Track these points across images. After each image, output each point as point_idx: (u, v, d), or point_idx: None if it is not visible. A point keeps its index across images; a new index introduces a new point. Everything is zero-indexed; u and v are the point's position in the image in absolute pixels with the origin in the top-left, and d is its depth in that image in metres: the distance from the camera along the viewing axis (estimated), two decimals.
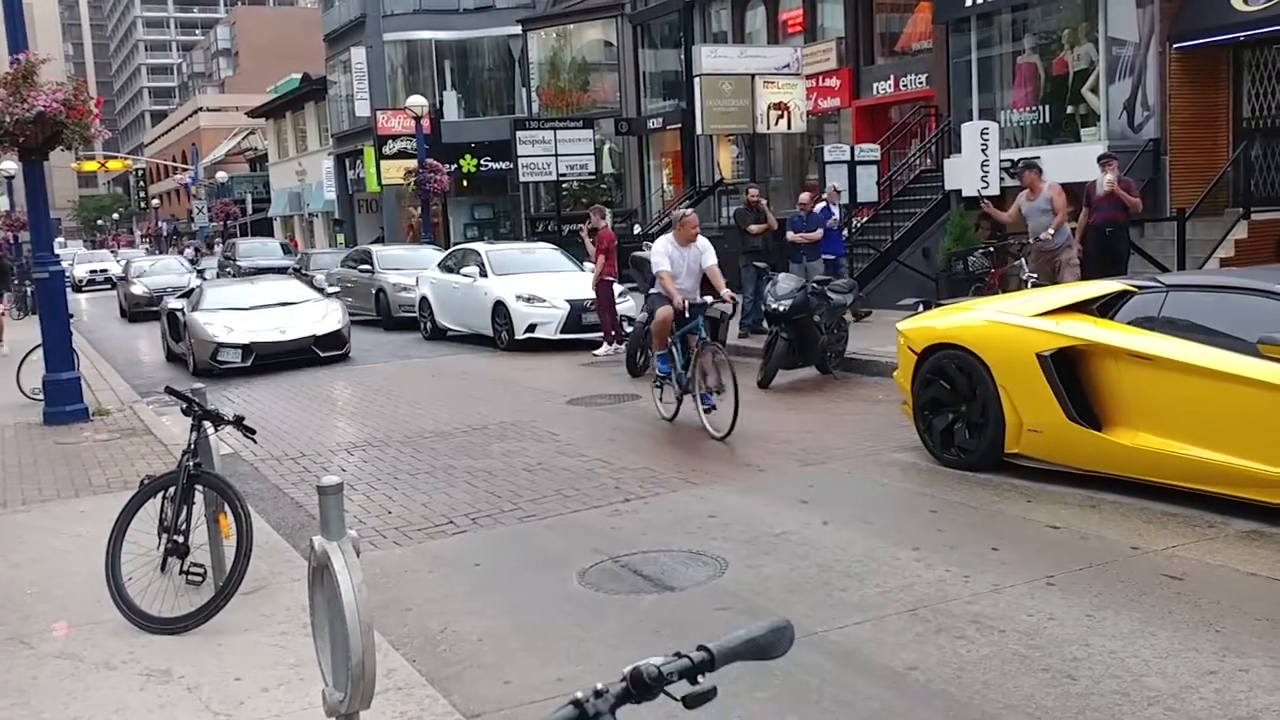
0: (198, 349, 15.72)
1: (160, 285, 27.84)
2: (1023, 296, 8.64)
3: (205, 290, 17.85)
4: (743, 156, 27.92)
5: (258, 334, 15.79)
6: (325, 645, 3.41)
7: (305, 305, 17.22)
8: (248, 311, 16.44)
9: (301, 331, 16.16)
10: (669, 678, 1.68)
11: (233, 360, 15.45)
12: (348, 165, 45.03)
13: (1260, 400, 6.19)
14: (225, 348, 15.53)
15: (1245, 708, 4.10)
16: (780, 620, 1.85)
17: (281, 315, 16.52)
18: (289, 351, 15.92)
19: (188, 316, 16.35)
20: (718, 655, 1.75)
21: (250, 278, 23.32)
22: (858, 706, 4.31)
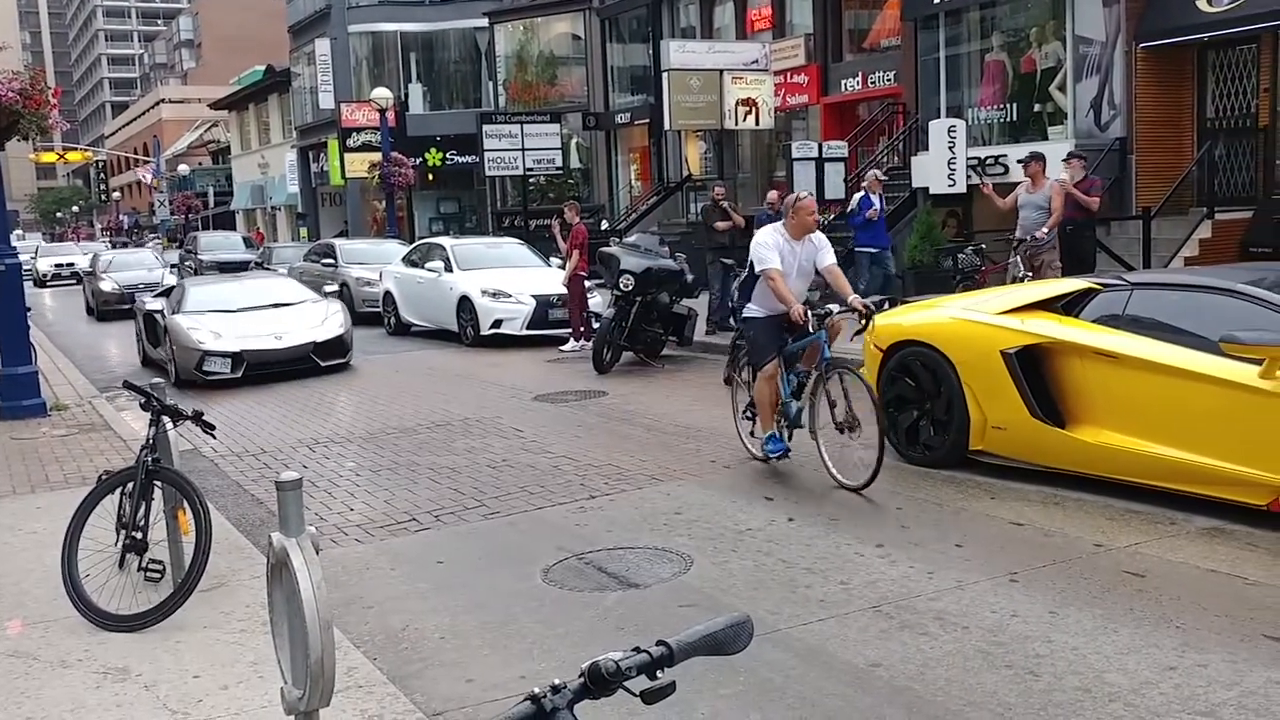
0: (180, 357, 13.84)
1: (132, 281, 25.93)
2: (988, 294, 8.67)
3: (188, 289, 15.57)
4: (711, 152, 27.93)
5: (249, 340, 13.88)
6: (284, 643, 3.36)
7: (302, 307, 15.21)
8: (237, 314, 14.57)
9: (299, 338, 14.23)
10: (627, 673, 1.66)
11: (221, 371, 13.59)
12: (311, 158, 44.69)
13: (1222, 398, 6.24)
14: (212, 356, 13.61)
15: (1204, 702, 4.13)
16: (739, 615, 1.83)
17: (276, 318, 14.58)
18: (285, 360, 14.03)
19: (168, 320, 14.40)
20: (676, 650, 1.72)
21: (238, 275, 21.07)
22: (821, 704, 4.29)
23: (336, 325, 14.70)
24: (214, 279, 19.63)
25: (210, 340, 13.74)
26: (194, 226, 54.37)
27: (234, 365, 13.68)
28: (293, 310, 15.04)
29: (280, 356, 14.02)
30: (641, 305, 13.22)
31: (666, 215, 27.34)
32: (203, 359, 13.60)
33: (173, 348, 14.04)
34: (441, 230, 35.84)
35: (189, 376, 13.66)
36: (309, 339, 14.32)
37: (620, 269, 13.18)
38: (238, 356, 13.71)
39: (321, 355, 14.35)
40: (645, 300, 13.24)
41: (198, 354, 13.63)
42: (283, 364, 14.03)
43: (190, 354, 13.70)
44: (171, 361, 14.19)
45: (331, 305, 15.47)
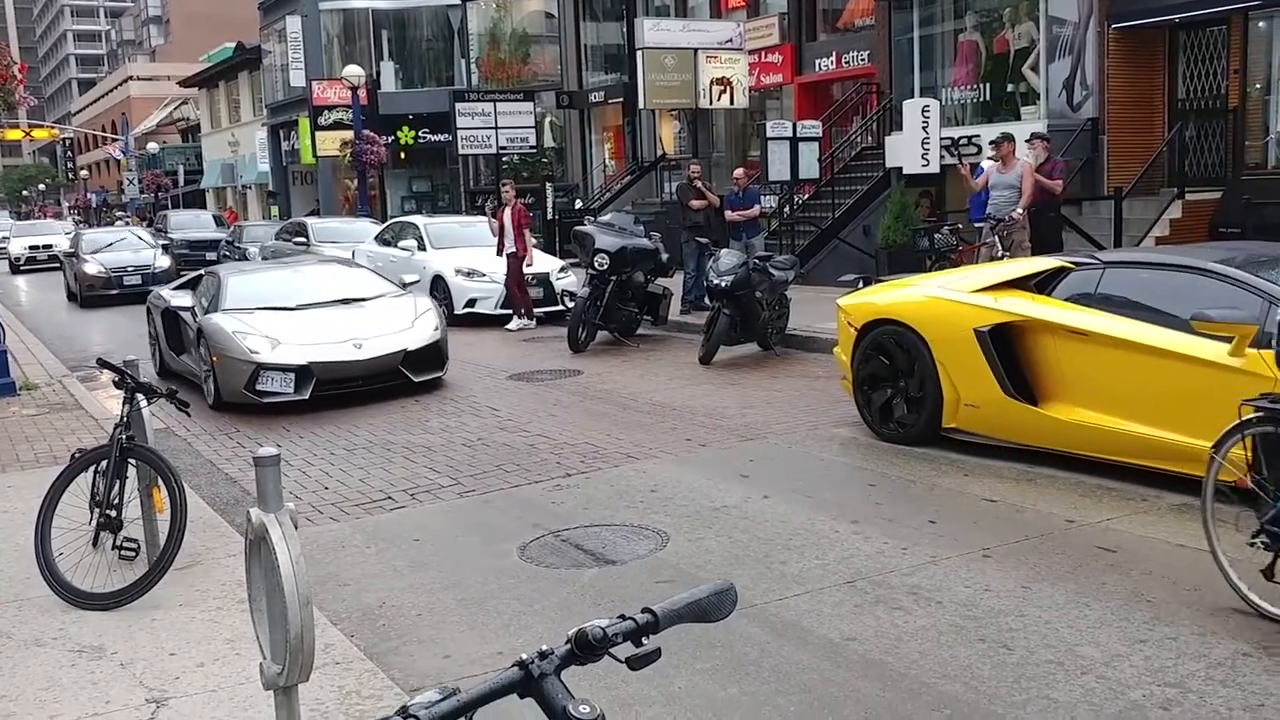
0: (224, 372, 10.40)
1: (119, 263, 23.43)
2: (962, 272, 8.71)
3: (226, 280, 11.84)
4: (685, 132, 27.86)
5: (319, 349, 10.46)
6: (263, 619, 3.35)
7: (382, 304, 11.72)
8: (297, 314, 11.15)
9: (385, 345, 10.76)
10: (613, 639, 1.67)
11: (281, 391, 10.23)
12: (282, 136, 44.27)
13: (1193, 376, 6.30)
14: (270, 371, 10.22)
15: (1173, 674, 4.19)
16: (723, 583, 1.85)
17: (350, 319, 11.13)
18: (366, 375, 10.62)
19: (203, 321, 10.95)
20: (662, 617, 1.74)
21: (289, 260, 16.42)
22: (796, 677, 4.33)
23: (430, 328, 11.26)
24: (257, 266, 15.09)
25: (266, 349, 10.30)
26: (164, 205, 53.87)
27: (299, 383, 10.26)
28: (371, 307, 11.55)
29: (360, 370, 10.57)
30: (616, 284, 13.21)
31: (641, 195, 27.30)
32: (256, 374, 10.20)
33: (212, 359, 10.56)
34: (414, 209, 35.64)
35: (236, 398, 10.33)
36: (397, 346, 10.83)
37: (595, 248, 13.16)
38: (304, 371, 10.28)
39: (413, 368, 10.90)
40: (620, 279, 13.23)
41: (249, 368, 10.19)
42: (364, 379, 10.63)
43: (238, 368, 10.26)
44: (208, 376, 10.74)
45: (420, 301, 11.97)
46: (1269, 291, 6.28)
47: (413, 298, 12.06)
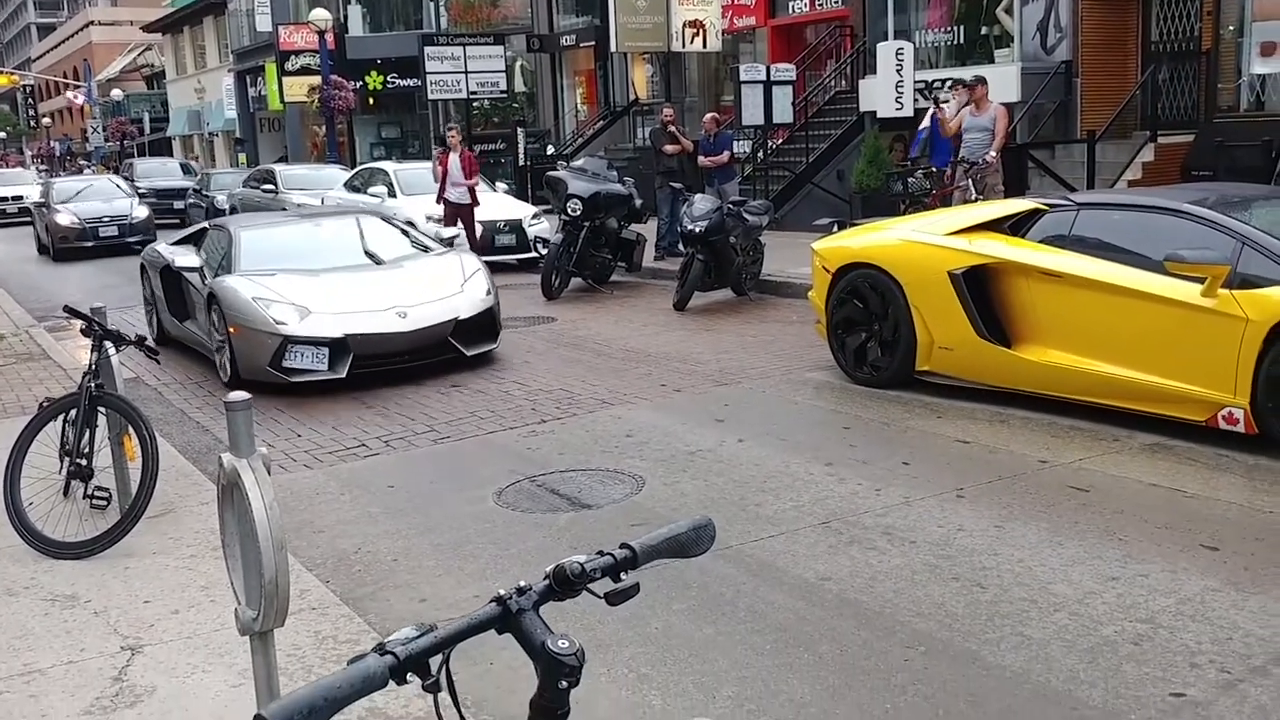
0: (245, 346, 8.87)
1: (94, 214, 22.13)
2: (936, 215, 8.70)
3: (239, 235, 10.14)
4: (657, 76, 27.60)
5: (357, 319, 8.91)
6: (237, 564, 3.32)
7: (423, 263, 10.17)
8: (327, 276, 9.54)
9: (432, 313, 9.20)
10: (592, 575, 1.66)
11: (314, 368, 8.73)
12: (249, 83, 43.60)
13: (1165, 317, 6.33)
14: (299, 345, 8.69)
15: (1144, 610, 4.24)
16: (701, 519, 1.84)
17: (389, 282, 9.56)
18: (413, 349, 9.11)
19: (217, 285, 9.30)
20: (640, 553, 1.73)
21: (309, 212, 14.03)
22: (771, 616, 4.36)
23: (482, 291, 9.70)
24: (273, 219, 12.42)
25: (294, 320, 8.76)
26: (130, 153, 53.11)
27: (334, 359, 8.76)
28: (411, 268, 9.98)
29: (405, 344, 9.02)
30: (590, 230, 13.12)
31: (613, 140, 27.08)
32: (284, 349, 8.67)
33: (228, 330, 9.00)
34: (383, 155, 35.22)
35: (257, 375, 8.75)
36: (447, 314, 9.27)
37: (568, 194, 13.05)
38: (339, 345, 8.76)
39: (465, 339, 9.35)
40: (593, 225, 13.14)
41: (275, 341, 8.67)
42: (408, 355, 9.11)
43: (261, 341, 8.75)
44: (222, 348, 9.20)
45: (466, 259, 10.34)
46: (1241, 232, 6.31)
47: (457, 255, 10.40)
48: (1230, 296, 6.05)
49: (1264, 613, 4.18)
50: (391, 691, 3.71)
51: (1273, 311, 5.84)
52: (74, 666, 4.07)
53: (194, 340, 10.28)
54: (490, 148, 27.15)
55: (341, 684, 1.41)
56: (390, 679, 1.46)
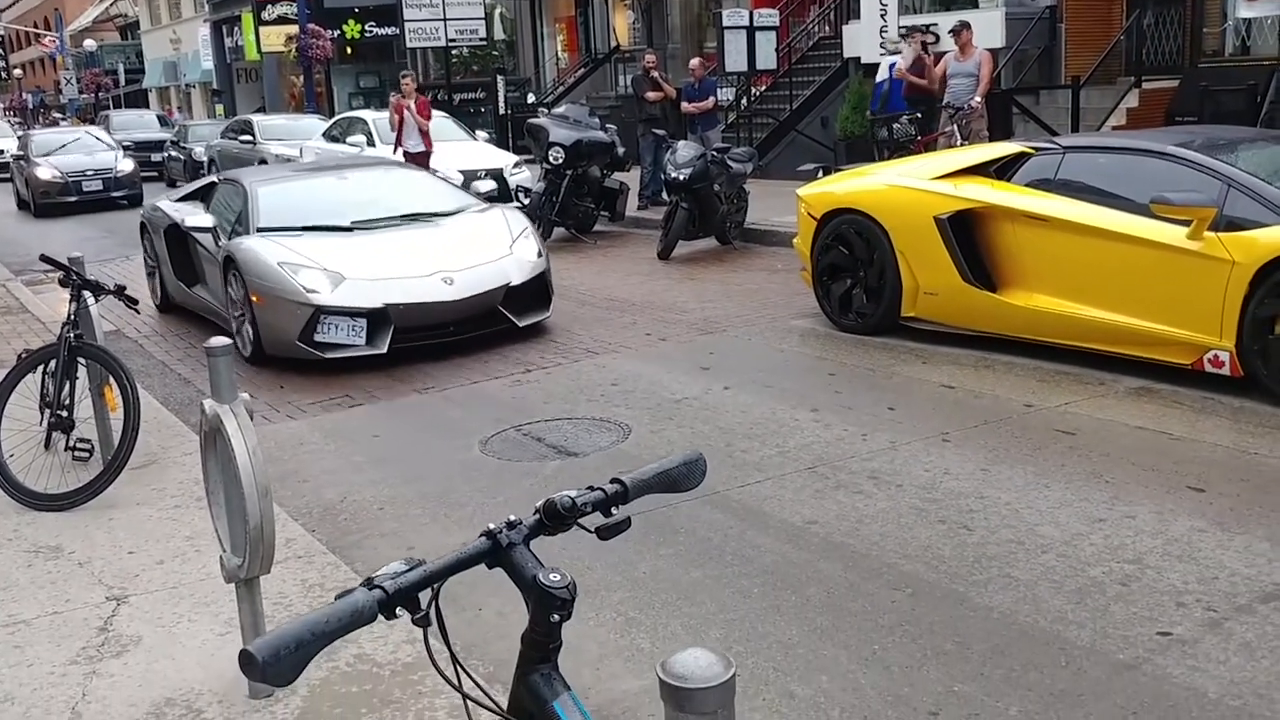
0: (271, 317, 7.87)
1: (77, 167, 21.31)
2: (922, 160, 8.64)
3: (256, 192, 8.95)
4: (639, 22, 27.33)
5: (398, 286, 7.88)
6: (221, 512, 3.30)
7: (463, 221, 9.02)
8: (358, 237, 8.52)
9: (481, 279, 8.17)
10: (582, 509, 1.64)
11: (350, 342, 7.74)
12: (225, 33, 43.03)
13: (1150, 260, 6.31)
14: (334, 317, 7.70)
15: (1131, 551, 4.25)
16: (692, 453, 1.81)
17: (428, 244, 8.52)
18: (460, 320, 8.06)
19: (235, 248, 8.27)
20: (631, 487, 1.71)
21: (331, 163, 11.94)
22: (758, 560, 4.36)
23: (532, 253, 8.68)
24: (289, 172, 10.99)
25: (326, 287, 7.74)
26: (105, 106, 52.38)
27: (372, 332, 7.75)
28: (451, 226, 8.87)
29: (453, 314, 7.99)
30: (572, 179, 13.01)
31: (595, 88, 26.83)
32: (316, 321, 7.66)
33: (249, 299, 7.99)
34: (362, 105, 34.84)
35: (285, 350, 7.86)
36: (498, 280, 8.24)
37: (549, 141, 12.93)
38: (378, 316, 7.75)
39: (516, 308, 8.32)
40: (576, 174, 13.03)
41: (306, 312, 7.65)
42: (454, 327, 8.06)
43: (290, 312, 7.72)
44: (243, 320, 8.18)
45: (511, 217, 9.22)
46: (1227, 174, 6.28)
47: (500, 212, 9.30)
48: (1216, 239, 6.03)
49: (1249, 552, 4.20)
50: (380, 638, 3.72)
51: (1259, 254, 5.83)
52: (59, 617, 4.04)
53: (204, 308, 9.32)
54: (470, 96, 26.90)
55: (329, 618, 1.38)
56: (379, 613, 1.44)
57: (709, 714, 1.27)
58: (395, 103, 14.84)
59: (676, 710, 1.27)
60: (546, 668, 1.58)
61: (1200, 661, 3.47)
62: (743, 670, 3.57)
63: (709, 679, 1.27)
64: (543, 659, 1.59)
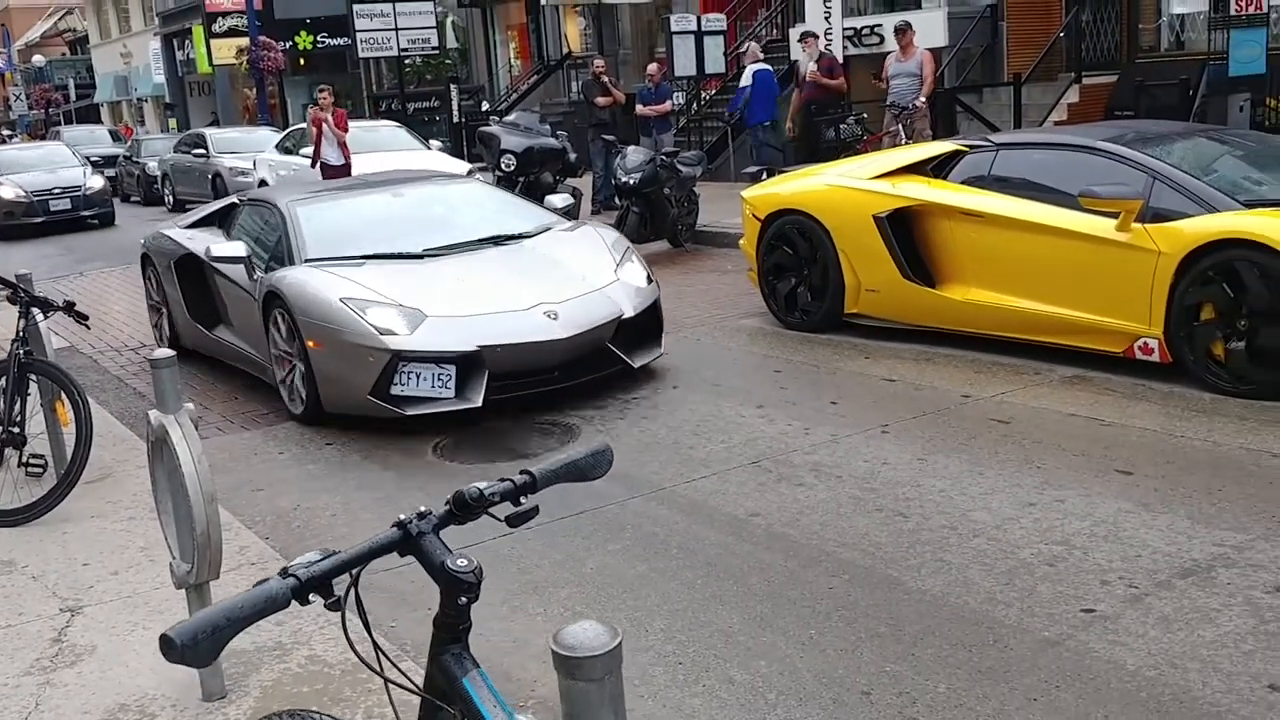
0: (332, 365, 6.48)
1: (42, 185, 19.93)
2: (861, 160, 8.81)
3: (296, 215, 7.51)
4: (590, 29, 27.46)
5: (493, 324, 6.49)
6: (170, 520, 3.39)
7: (551, 241, 7.58)
8: (432, 265, 7.13)
9: (589, 311, 6.76)
10: (490, 499, 1.75)
11: (437, 395, 6.34)
12: (176, 46, 42.77)
13: (1082, 252, 6.50)
14: (417, 363, 6.31)
15: (1060, 533, 4.42)
16: (599, 444, 1.93)
17: (518, 271, 7.09)
18: (567, 363, 6.64)
19: (281, 281, 6.85)
20: (539, 478, 1.82)
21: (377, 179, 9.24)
22: (702, 553, 4.49)
23: (641, 277, 7.33)
24: (329, 188, 9.13)
25: (403, 327, 6.36)
26: (55, 121, 51.85)
27: (463, 380, 6.35)
28: (543, 249, 7.43)
29: (560, 354, 6.57)
30: (524, 185, 13.09)
31: (548, 94, 26.92)
32: (393, 369, 6.27)
33: (304, 345, 6.56)
34: None
35: (353, 407, 6.49)
36: (609, 312, 6.82)
37: (501, 149, 13.04)
38: (471, 361, 6.35)
39: (628, 344, 6.92)
40: (528, 180, 13.12)
41: (382, 359, 6.25)
42: (560, 371, 6.63)
43: (359, 359, 6.32)
44: (291, 372, 6.83)
45: (608, 235, 7.85)
46: (1152, 167, 6.47)
47: (593, 229, 7.92)
48: (1143, 230, 6.22)
49: (1171, 530, 4.37)
50: (332, 640, 3.82)
51: (1184, 244, 6.02)
52: (12, 630, 4.10)
53: (230, 354, 7.92)
54: (424, 105, 26.91)
55: (244, 604, 1.50)
56: (293, 599, 1.55)
57: (597, 680, 1.38)
58: (313, 115, 14.97)
59: (568, 678, 1.38)
60: (458, 648, 1.69)
61: (1121, 636, 3.63)
62: (684, 659, 3.70)
63: (596, 648, 1.38)
64: (454, 640, 1.70)
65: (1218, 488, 4.75)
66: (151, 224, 20.06)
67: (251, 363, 7.61)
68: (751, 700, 3.43)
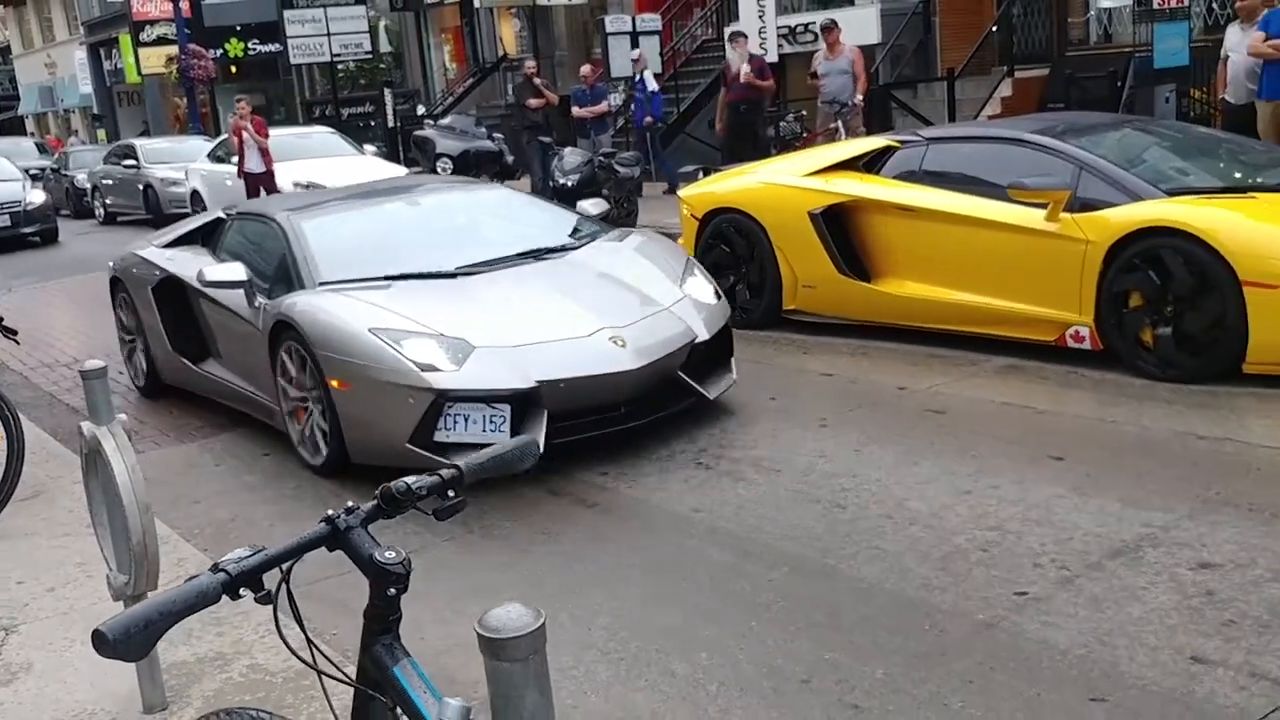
0: (362, 409, 5.48)
1: None
2: (795, 157, 8.90)
3: (301, 230, 6.49)
4: (525, 30, 27.43)
5: (552, 354, 5.48)
6: (105, 532, 3.36)
7: (599, 253, 6.57)
8: (468, 286, 6.09)
9: (657, 337, 5.76)
10: (418, 493, 1.77)
11: (489, 440, 5.13)
12: (104, 55, 42.10)
13: (1013, 243, 6.61)
14: (466, 404, 5.31)
15: (994, 518, 4.50)
16: (526, 437, 1.96)
17: (566, 290, 6.07)
18: (635, 395, 5.63)
19: (293, 310, 5.84)
20: (466, 471, 1.85)
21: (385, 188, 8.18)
22: (644, 550, 4.53)
23: (708, 290, 6.39)
24: (336, 197, 7.71)
25: (447, 361, 5.36)
26: None
27: (520, 421, 5.33)
28: (589, 263, 6.43)
29: (629, 388, 5.57)
30: None
31: (484, 97, 26.87)
32: (438, 410, 5.29)
33: (325, 384, 5.62)
34: None
35: (385, 455, 5.44)
36: (681, 336, 5.86)
37: (437, 152, 13.04)
38: (528, 399, 5.37)
39: (699, 372, 5.98)
40: None
41: (425, 399, 5.27)
42: (627, 407, 5.64)
43: (399, 399, 5.33)
44: (307, 411, 5.88)
45: (665, 246, 6.99)
46: (1079, 158, 6.60)
47: (644, 238, 6.93)
48: (1072, 220, 6.35)
49: (1102, 513, 4.47)
50: (272, 648, 3.80)
51: (1111, 232, 6.15)
52: None
53: (222, 391, 6.98)
54: (358, 110, 26.74)
55: (176, 599, 1.51)
56: (224, 593, 1.57)
57: (522, 660, 1.41)
58: (233, 125, 15.03)
59: (494, 659, 1.41)
60: (388, 638, 1.72)
61: (1053, 616, 3.71)
62: (626, 655, 3.73)
63: (520, 629, 1.41)
64: (384, 630, 1.72)
65: (1146, 470, 4.87)
66: (84, 237, 19.98)
67: (251, 402, 6.58)
68: (693, 692, 3.46)
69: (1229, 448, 5.06)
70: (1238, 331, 5.70)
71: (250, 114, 15.06)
